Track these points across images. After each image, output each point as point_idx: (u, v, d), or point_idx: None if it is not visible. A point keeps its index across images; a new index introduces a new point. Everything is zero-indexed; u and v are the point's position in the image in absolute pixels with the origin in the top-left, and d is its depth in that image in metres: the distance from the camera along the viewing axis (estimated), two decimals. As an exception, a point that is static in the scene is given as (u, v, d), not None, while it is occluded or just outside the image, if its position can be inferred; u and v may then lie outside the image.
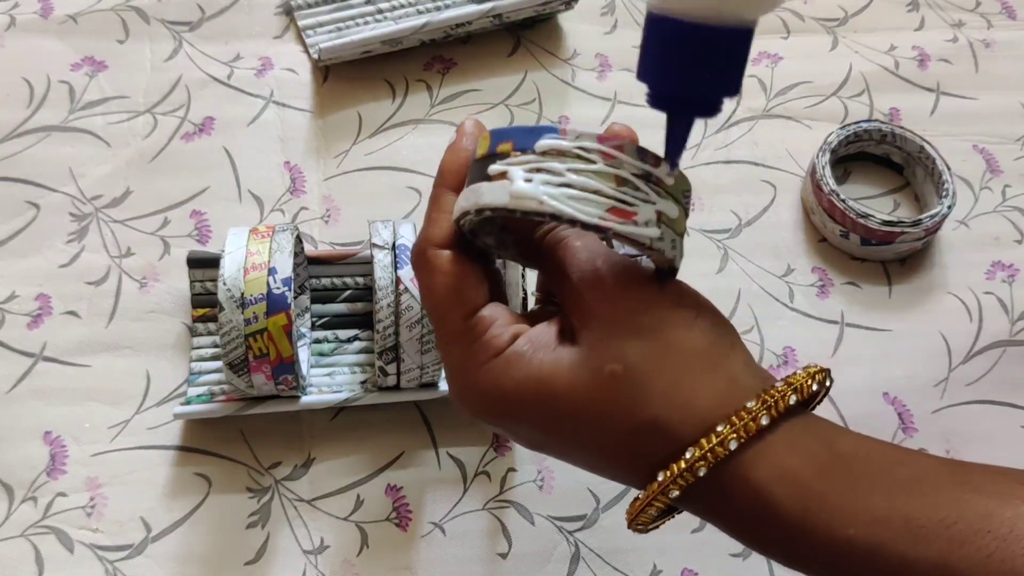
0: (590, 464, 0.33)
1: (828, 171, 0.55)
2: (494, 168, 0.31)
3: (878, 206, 0.58)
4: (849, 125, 0.57)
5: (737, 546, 0.48)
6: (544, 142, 0.30)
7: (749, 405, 0.29)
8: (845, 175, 0.59)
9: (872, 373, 0.53)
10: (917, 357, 0.53)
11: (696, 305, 0.32)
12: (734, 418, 0.29)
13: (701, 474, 0.29)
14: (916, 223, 0.53)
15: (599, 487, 0.49)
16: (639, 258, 0.33)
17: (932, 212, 0.54)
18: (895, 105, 0.62)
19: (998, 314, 0.55)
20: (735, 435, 0.29)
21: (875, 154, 0.59)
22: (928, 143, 0.57)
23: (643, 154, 0.30)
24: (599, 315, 0.31)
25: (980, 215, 0.58)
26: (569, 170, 0.30)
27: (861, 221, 0.53)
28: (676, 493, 0.30)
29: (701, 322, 0.31)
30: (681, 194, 0.31)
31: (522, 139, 0.31)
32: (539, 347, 0.31)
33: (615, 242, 0.35)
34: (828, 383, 0.32)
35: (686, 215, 0.32)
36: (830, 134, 0.57)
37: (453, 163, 0.34)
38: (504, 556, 0.47)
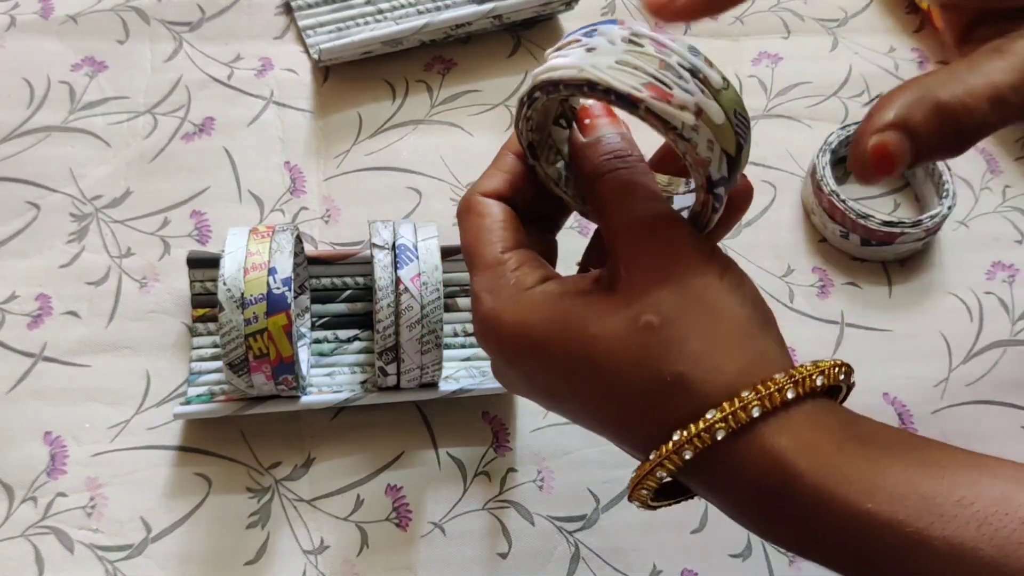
0: (603, 418, 0.32)
1: (828, 171, 0.55)
2: (549, 52, 0.32)
3: (878, 206, 0.58)
4: (849, 125, 0.57)
5: (737, 546, 0.48)
6: (600, 27, 0.31)
7: (777, 376, 0.30)
8: (845, 175, 0.59)
9: (872, 373, 0.53)
10: (917, 357, 0.53)
11: (740, 277, 0.32)
12: (760, 387, 0.29)
13: (720, 437, 0.29)
14: (916, 223, 0.53)
15: (599, 487, 0.49)
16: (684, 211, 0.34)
17: (932, 212, 0.54)
18: (895, 105, 0.62)
19: (998, 314, 0.55)
20: (759, 403, 0.29)
21: (875, 154, 0.59)
22: (928, 143, 0.57)
23: (695, 52, 0.31)
24: (647, 263, 0.31)
25: (980, 215, 0.58)
26: (615, 51, 0.30)
27: (861, 221, 0.53)
28: (690, 454, 0.29)
29: (741, 294, 0.31)
30: (732, 111, 0.31)
31: (581, 31, 0.32)
32: (570, 289, 0.32)
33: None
34: (852, 380, 0.32)
35: (737, 137, 0.31)
36: (830, 134, 0.57)
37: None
38: (504, 556, 0.47)
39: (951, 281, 0.56)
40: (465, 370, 0.50)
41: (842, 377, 0.31)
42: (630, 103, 0.30)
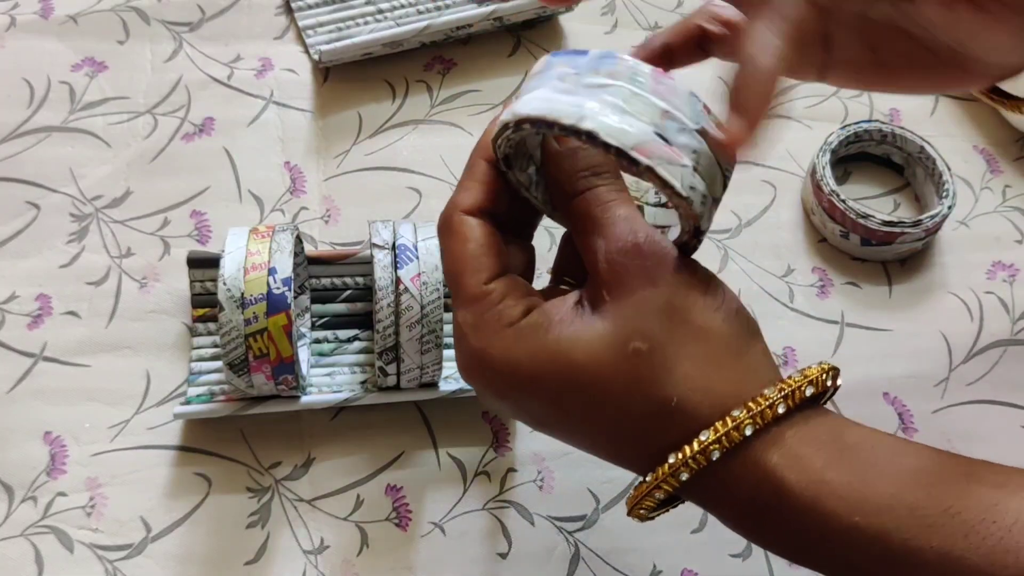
0: (596, 443, 0.32)
1: (828, 171, 0.55)
2: (540, 81, 0.30)
3: (878, 206, 0.58)
4: (849, 125, 0.57)
5: (737, 546, 0.48)
6: (600, 60, 0.30)
7: (767, 392, 0.30)
8: (845, 175, 0.59)
9: (872, 373, 0.53)
10: (917, 357, 0.53)
11: (723, 294, 0.32)
12: (751, 404, 0.29)
13: (715, 458, 0.29)
14: (916, 223, 0.53)
15: (599, 487, 0.49)
16: (665, 231, 0.33)
17: (932, 212, 0.54)
18: (895, 106, 0.62)
19: (999, 314, 0.55)
20: (751, 421, 0.29)
21: (875, 154, 0.59)
22: (928, 143, 0.57)
23: (696, 99, 0.30)
24: (631, 288, 0.31)
25: (980, 215, 0.58)
26: (617, 94, 0.29)
27: (861, 221, 0.53)
28: (686, 476, 0.30)
29: (727, 311, 0.31)
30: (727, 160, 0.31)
31: (577, 60, 0.30)
32: (555, 320, 0.31)
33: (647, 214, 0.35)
34: (839, 382, 0.32)
35: (725, 182, 0.31)
36: (830, 134, 0.57)
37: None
38: (504, 556, 0.47)
39: (951, 281, 0.56)
40: (465, 370, 0.50)
41: (829, 383, 0.31)
42: (630, 160, 0.29)
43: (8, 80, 0.59)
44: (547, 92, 0.30)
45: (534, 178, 0.34)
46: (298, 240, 0.49)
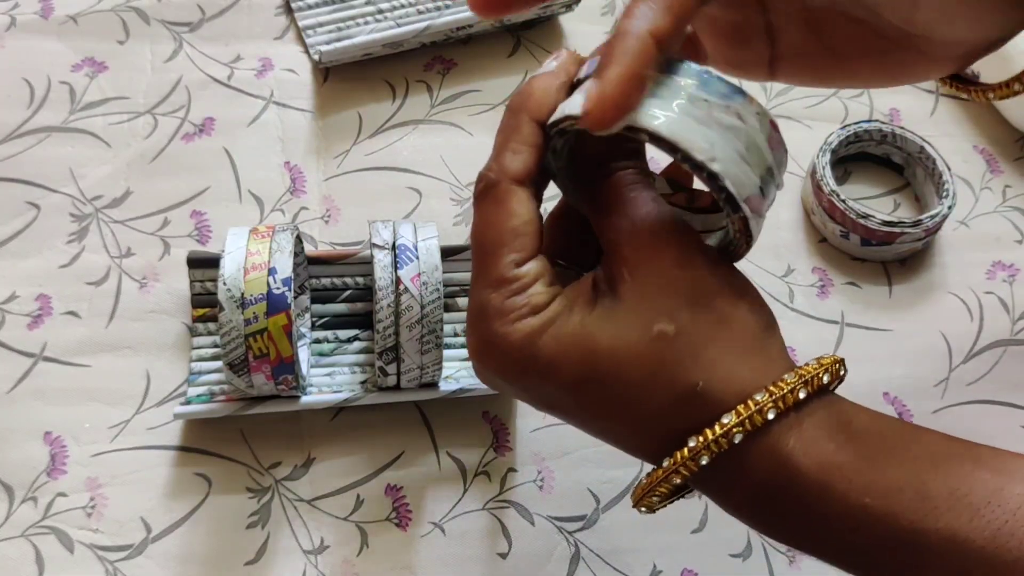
0: (610, 429, 0.32)
1: (828, 171, 0.55)
2: (665, 93, 0.29)
3: (878, 206, 0.58)
4: (849, 125, 0.57)
5: (737, 546, 0.48)
6: (731, 99, 0.29)
7: (787, 378, 0.30)
8: (845, 175, 0.59)
9: (872, 373, 0.53)
10: (917, 357, 0.53)
11: (745, 282, 0.32)
12: (772, 388, 0.29)
13: (737, 441, 0.29)
14: (916, 223, 0.53)
15: (599, 487, 0.49)
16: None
17: (932, 212, 0.54)
18: (895, 106, 0.62)
19: (999, 314, 0.55)
20: (773, 405, 0.29)
21: (875, 154, 0.59)
22: (928, 143, 0.57)
23: (787, 153, 0.31)
24: (657, 268, 0.30)
25: (980, 215, 0.58)
26: (741, 137, 0.29)
27: (861, 221, 0.53)
28: (706, 460, 0.29)
29: (749, 300, 0.31)
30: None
31: (710, 85, 0.29)
32: (576, 304, 0.30)
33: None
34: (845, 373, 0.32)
35: None
36: (830, 134, 0.57)
37: (545, 92, 0.31)
38: (504, 556, 0.47)
39: (951, 281, 0.56)
40: (465, 370, 0.50)
41: (842, 372, 0.32)
42: (733, 205, 0.29)
43: (8, 80, 0.59)
44: (678, 114, 0.29)
45: (564, 145, 0.33)
46: (298, 240, 0.49)
